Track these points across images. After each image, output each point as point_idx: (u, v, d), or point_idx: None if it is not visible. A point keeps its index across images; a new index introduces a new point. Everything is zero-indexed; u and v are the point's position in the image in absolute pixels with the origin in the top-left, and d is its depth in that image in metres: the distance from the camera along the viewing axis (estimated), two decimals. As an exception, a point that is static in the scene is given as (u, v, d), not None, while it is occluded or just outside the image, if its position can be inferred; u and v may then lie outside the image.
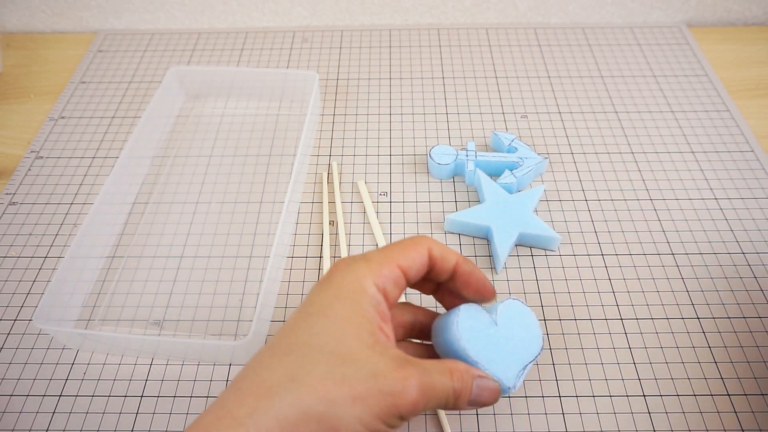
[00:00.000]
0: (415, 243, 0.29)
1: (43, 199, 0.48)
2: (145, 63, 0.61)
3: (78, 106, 0.56)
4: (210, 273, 0.43)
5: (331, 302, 0.27)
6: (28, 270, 0.43)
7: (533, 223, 0.43)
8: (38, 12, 0.65)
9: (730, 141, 0.52)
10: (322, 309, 0.27)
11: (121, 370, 0.38)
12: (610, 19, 0.66)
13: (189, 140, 0.53)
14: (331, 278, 0.28)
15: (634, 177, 0.49)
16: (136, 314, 0.41)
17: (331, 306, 0.27)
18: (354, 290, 0.27)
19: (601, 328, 0.39)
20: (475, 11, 0.65)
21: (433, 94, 0.57)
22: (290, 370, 0.25)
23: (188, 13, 0.65)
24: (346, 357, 0.25)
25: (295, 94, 0.55)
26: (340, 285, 0.27)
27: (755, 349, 0.38)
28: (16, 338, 0.39)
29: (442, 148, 0.48)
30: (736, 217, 0.46)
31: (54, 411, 0.36)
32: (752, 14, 0.66)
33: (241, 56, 0.62)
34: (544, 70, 0.60)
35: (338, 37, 0.64)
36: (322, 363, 0.25)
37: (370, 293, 0.27)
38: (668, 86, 0.57)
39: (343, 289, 0.27)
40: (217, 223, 0.46)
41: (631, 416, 0.35)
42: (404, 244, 0.29)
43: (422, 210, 0.47)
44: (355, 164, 0.50)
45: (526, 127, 0.53)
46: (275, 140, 0.52)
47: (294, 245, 0.44)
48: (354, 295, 0.27)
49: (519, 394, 0.36)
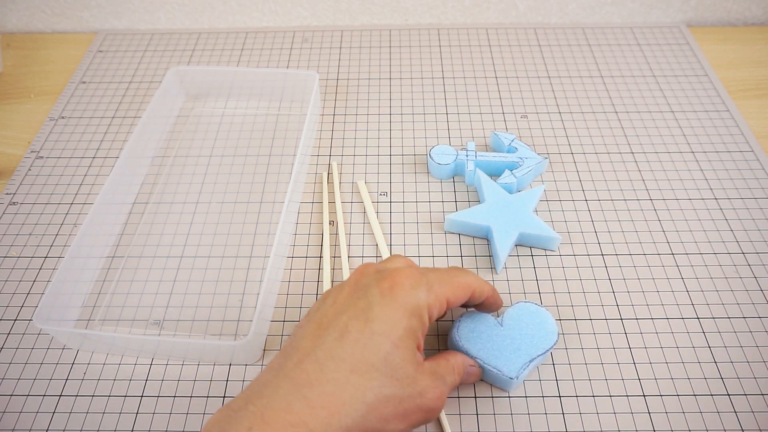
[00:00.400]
0: (464, 281, 0.32)
1: (43, 199, 0.48)
2: (145, 63, 0.61)
3: (78, 106, 0.56)
4: (210, 273, 0.43)
5: (396, 327, 0.29)
6: (28, 270, 0.43)
7: (533, 223, 0.43)
8: (38, 12, 0.65)
9: (730, 141, 0.52)
10: (386, 331, 0.29)
11: (121, 370, 0.38)
12: (610, 19, 0.66)
13: (189, 140, 0.53)
14: (394, 295, 0.30)
15: (634, 177, 0.49)
16: (136, 314, 0.41)
17: (396, 332, 0.29)
18: (413, 315, 0.30)
19: (601, 328, 0.39)
20: (475, 11, 0.65)
21: (433, 94, 0.57)
22: (363, 393, 0.27)
23: (188, 13, 0.65)
24: (403, 381, 0.28)
25: (295, 94, 0.55)
26: (404, 309, 0.29)
27: (755, 349, 0.38)
28: (16, 338, 0.39)
29: (442, 148, 0.48)
30: (736, 217, 0.46)
31: (54, 411, 0.36)
32: (752, 14, 0.66)
33: (241, 56, 0.62)
34: (544, 70, 0.60)
35: (338, 37, 0.64)
36: (387, 387, 0.28)
37: (423, 320, 0.30)
38: (668, 86, 0.57)
39: (407, 314, 0.29)
40: (217, 223, 0.46)
41: (631, 416, 0.35)
42: (457, 280, 0.32)
43: (422, 210, 0.47)
44: (355, 164, 0.50)
45: (526, 127, 0.53)
46: (275, 140, 0.52)
47: (294, 245, 0.44)
48: (413, 320, 0.30)
49: (519, 394, 0.36)
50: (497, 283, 0.42)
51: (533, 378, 0.37)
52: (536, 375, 0.37)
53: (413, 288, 0.30)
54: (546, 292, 0.41)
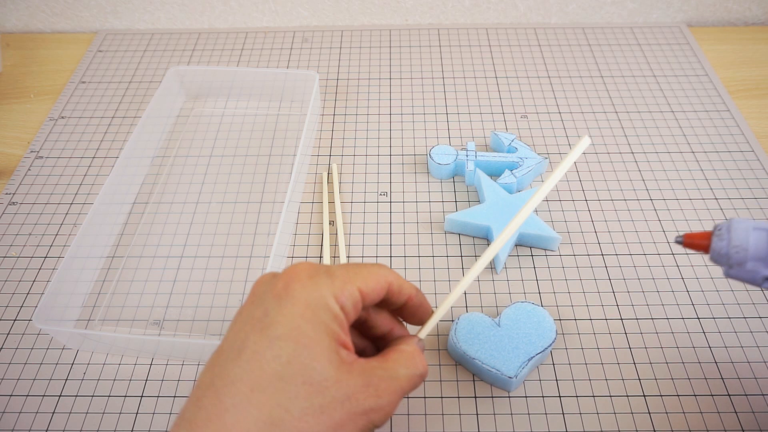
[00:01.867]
0: (376, 271, 0.28)
1: (43, 199, 0.48)
2: (145, 63, 0.61)
3: (78, 106, 0.56)
4: (210, 273, 0.43)
5: (298, 323, 0.24)
6: (28, 270, 0.43)
7: (533, 223, 0.43)
8: (38, 12, 0.65)
9: (730, 141, 0.52)
10: (289, 332, 0.24)
11: (121, 370, 0.38)
12: (610, 19, 0.66)
13: (189, 140, 0.53)
14: (290, 292, 0.25)
15: (634, 177, 0.49)
16: (136, 314, 0.41)
17: (299, 328, 0.24)
18: (319, 307, 0.25)
19: (601, 328, 0.39)
20: (475, 11, 0.65)
21: (433, 94, 0.57)
22: (268, 412, 0.23)
23: (188, 13, 0.65)
24: (320, 385, 0.24)
25: (295, 94, 0.55)
26: (305, 303, 0.25)
27: (755, 349, 0.38)
28: (15, 338, 0.39)
29: (442, 148, 0.48)
30: (736, 217, 0.46)
31: (54, 411, 0.36)
32: (752, 14, 0.66)
33: (241, 56, 0.62)
34: (544, 70, 0.60)
35: (338, 37, 0.64)
36: (300, 398, 0.23)
37: (333, 311, 0.25)
38: (668, 86, 0.57)
39: (309, 307, 0.25)
40: (217, 223, 0.46)
41: (631, 416, 0.35)
42: (367, 269, 0.28)
43: (422, 210, 0.47)
44: (355, 164, 0.50)
45: (526, 127, 0.53)
46: (275, 140, 0.52)
47: (294, 245, 0.44)
48: (319, 312, 0.25)
49: (519, 394, 0.36)
50: (497, 283, 0.42)
51: (533, 378, 0.37)
52: (536, 375, 0.37)
53: (311, 278, 0.26)
54: (546, 292, 0.41)
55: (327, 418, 0.23)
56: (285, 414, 0.23)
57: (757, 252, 0.24)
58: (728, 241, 0.24)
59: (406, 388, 0.27)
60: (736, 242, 0.24)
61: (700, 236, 0.26)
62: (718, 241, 0.25)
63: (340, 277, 0.26)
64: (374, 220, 0.46)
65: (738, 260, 0.24)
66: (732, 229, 0.24)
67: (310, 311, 0.25)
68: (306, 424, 0.23)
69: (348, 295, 0.26)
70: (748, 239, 0.24)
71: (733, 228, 0.24)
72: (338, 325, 0.25)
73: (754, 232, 0.24)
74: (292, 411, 0.23)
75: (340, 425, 0.23)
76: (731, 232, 0.24)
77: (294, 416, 0.23)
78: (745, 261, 0.24)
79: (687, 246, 0.26)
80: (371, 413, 0.24)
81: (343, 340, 0.25)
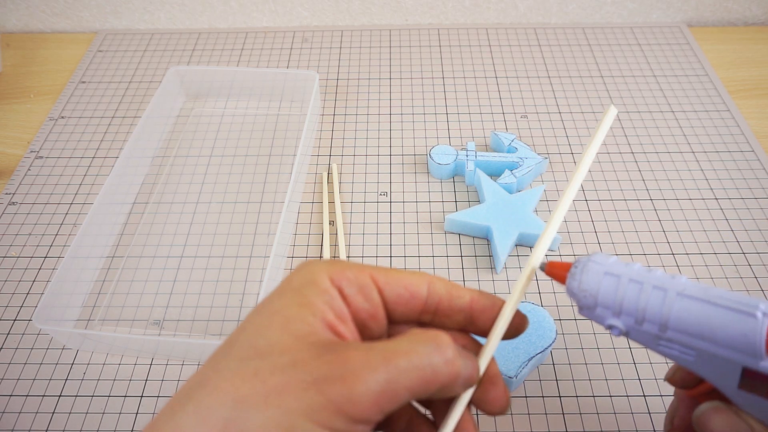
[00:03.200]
0: (409, 272, 0.23)
1: (43, 199, 0.48)
2: (145, 63, 0.61)
3: (78, 106, 0.56)
4: (210, 273, 0.43)
5: (271, 297, 0.22)
6: (28, 270, 0.43)
7: (533, 223, 0.43)
8: (38, 12, 0.65)
9: (730, 141, 0.52)
10: (260, 305, 0.22)
11: (121, 370, 0.38)
12: (610, 19, 0.66)
13: (189, 140, 0.53)
14: (287, 276, 0.23)
15: (634, 177, 0.49)
16: (136, 314, 0.41)
17: (270, 300, 0.22)
18: (302, 283, 0.22)
19: (601, 328, 0.39)
20: (475, 11, 0.65)
21: (433, 94, 0.57)
22: (201, 375, 0.20)
23: (188, 13, 0.65)
24: (263, 348, 0.20)
25: (295, 94, 0.55)
26: (289, 280, 0.22)
27: (755, 349, 0.38)
28: (15, 338, 0.39)
29: (442, 148, 0.48)
30: (736, 217, 0.46)
31: (54, 411, 0.36)
32: (752, 14, 0.66)
33: (241, 56, 0.62)
34: (544, 70, 0.60)
35: (338, 37, 0.64)
36: (235, 359, 0.19)
37: (322, 287, 0.21)
38: (668, 86, 0.57)
39: (291, 283, 0.22)
40: (217, 223, 0.46)
41: (632, 416, 0.35)
42: (399, 270, 0.24)
43: (422, 210, 0.47)
44: (355, 164, 0.50)
45: (526, 127, 0.53)
46: (275, 140, 0.52)
47: (294, 245, 0.44)
48: (300, 287, 0.22)
49: (519, 394, 0.36)
50: (497, 283, 0.42)
51: (533, 378, 0.37)
52: (536, 375, 0.37)
53: (308, 263, 0.23)
54: (546, 292, 0.41)
55: (260, 383, 0.19)
56: (215, 375, 0.19)
57: (605, 300, 0.23)
58: (579, 283, 0.23)
59: (404, 371, 0.19)
60: (585, 286, 0.23)
61: (560, 267, 0.25)
62: (570, 280, 0.24)
63: (350, 265, 0.23)
64: (374, 220, 0.46)
65: (586, 304, 0.23)
66: (585, 270, 0.23)
67: (289, 286, 0.22)
68: (230, 385, 0.19)
69: (350, 279, 0.22)
70: (598, 284, 0.23)
71: (586, 269, 0.23)
72: (325, 303, 0.21)
73: (605, 277, 0.23)
74: (222, 373, 0.19)
75: (277, 393, 0.18)
76: (583, 274, 0.23)
77: (221, 377, 0.19)
78: (593, 306, 0.23)
79: (549, 275, 0.25)
80: (324, 384, 0.18)
81: (329, 320, 0.21)
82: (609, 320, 0.23)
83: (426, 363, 0.20)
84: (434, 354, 0.20)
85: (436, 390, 0.20)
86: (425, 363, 0.20)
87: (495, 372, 0.24)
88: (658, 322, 0.22)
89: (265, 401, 0.18)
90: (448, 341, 0.21)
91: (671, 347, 0.22)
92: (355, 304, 0.22)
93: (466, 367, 0.21)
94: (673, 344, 0.22)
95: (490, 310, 0.24)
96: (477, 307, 0.24)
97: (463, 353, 0.22)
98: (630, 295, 0.23)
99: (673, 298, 0.22)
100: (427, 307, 0.23)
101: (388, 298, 0.23)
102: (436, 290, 0.23)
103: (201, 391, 0.19)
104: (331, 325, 0.21)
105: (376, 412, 0.19)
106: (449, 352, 0.21)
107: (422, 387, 0.20)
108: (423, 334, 0.21)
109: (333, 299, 0.22)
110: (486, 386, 0.23)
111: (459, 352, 0.21)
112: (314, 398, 0.18)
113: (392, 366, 0.19)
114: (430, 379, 0.20)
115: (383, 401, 0.19)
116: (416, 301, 0.23)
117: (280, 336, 0.20)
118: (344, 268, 0.22)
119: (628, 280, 0.23)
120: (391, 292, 0.23)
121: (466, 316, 0.24)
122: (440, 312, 0.24)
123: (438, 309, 0.23)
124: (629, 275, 0.23)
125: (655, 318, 0.22)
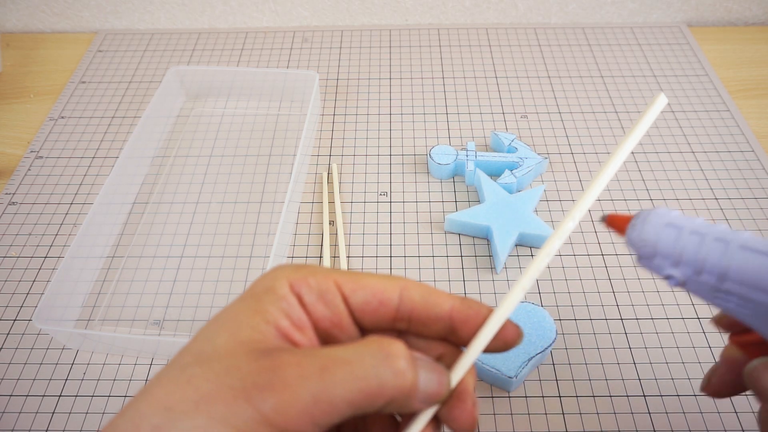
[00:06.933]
0: (385, 276, 0.22)
1: (43, 199, 0.48)
2: (145, 63, 0.61)
3: (78, 106, 0.56)
4: (210, 273, 0.43)
5: (232, 303, 0.21)
6: (28, 270, 0.43)
7: (533, 223, 0.43)
8: (38, 12, 0.65)
9: (730, 141, 0.52)
10: (221, 310, 0.21)
11: (121, 370, 0.38)
12: (610, 19, 0.66)
13: (189, 140, 0.53)
14: (253, 281, 0.22)
15: (634, 177, 0.49)
16: (136, 314, 0.41)
17: (230, 305, 0.21)
18: (262, 289, 0.21)
19: (601, 328, 0.39)
20: (475, 11, 0.65)
21: (433, 94, 0.57)
22: (149, 381, 0.19)
23: (188, 13, 0.65)
24: (207, 355, 0.19)
25: (295, 94, 0.55)
26: (253, 285, 0.21)
27: (755, 349, 0.38)
28: (15, 338, 0.39)
29: (442, 148, 0.48)
30: (736, 217, 0.46)
31: (54, 411, 0.36)
32: (752, 14, 0.66)
33: (241, 56, 0.62)
34: (544, 70, 0.60)
35: (338, 37, 0.64)
36: (177, 366, 0.19)
37: (279, 293, 0.20)
38: (668, 86, 0.57)
39: (254, 289, 0.21)
40: (217, 223, 0.46)
41: (631, 416, 0.35)
42: (368, 274, 0.22)
43: (422, 210, 0.47)
44: (355, 164, 0.50)
45: (526, 127, 0.53)
46: (275, 140, 0.52)
47: (294, 245, 0.44)
48: (259, 293, 0.21)
49: (519, 394, 0.36)
50: (497, 283, 0.42)
51: (533, 378, 0.37)
52: (536, 375, 0.37)
53: (276, 269, 0.22)
54: (546, 292, 0.41)
55: (192, 390, 0.18)
56: (155, 380, 0.19)
57: (665, 249, 0.23)
58: (639, 233, 0.23)
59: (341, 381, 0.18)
60: (645, 236, 0.23)
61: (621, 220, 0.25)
62: (630, 230, 0.24)
63: (315, 270, 0.21)
64: (374, 220, 0.46)
65: (645, 254, 0.23)
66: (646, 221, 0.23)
67: (248, 293, 0.21)
68: (163, 393, 0.18)
69: (311, 286, 0.21)
70: (658, 235, 0.23)
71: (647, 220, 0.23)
72: (280, 311, 0.20)
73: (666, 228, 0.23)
74: (160, 378, 0.18)
75: (208, 400, 0.17)
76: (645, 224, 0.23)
77: (159, 383, 0.18)
78: (652, 256, 0.23)
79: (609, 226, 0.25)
80: (253, 392, 0.17)
81: (283, 328, 0.20)
82: (667, 270, 0.23)
83: (371, 374, 0.18)
84: (381, 364, 0.18)
85: (384, 404, 0.19)
86: (369, 374, 0.18)
87: (465, 387, 0.21)
88: (717, 272, 0.22)
89: (195, 408, 0.17)
90: (400, 351, 0.19)
91: (728, 299, 0.22)
92: (316, 312, 0.21)
93: (427, 382, 0.20)
94: (730, 296, 0.22)
95: (474, 319, 0.22)
96: (458, 317, 0.22)
97: (429, 365, 0.20)
98: (690, 246, 0.22)
99: (734, 249, 0.22)
100: (399, 314, 0.22)
101: (354, 306, 0.21)
102: (411, 297, 0.21)
103: (140, 397, 0.18)
104: (284, 332, 0.20)
105: (307, 425, 0.17)
106: (400, 363, 0.19)
107: (366, 401, 0.18)
108: (372, 342, 0.19)
109: (290, 306, 0.20)
110: (452, 401, 0.21)
111: (417, 363, 0.19)
112: (242, 407, 0.17)
113: (327, 375, 0.18)
114: (375, 393, 0.18)
115: (317, 413, 0.17)
116: (386, 309, 0.21)
117: (226, 342, 0.19)
118: (307, 274, 0.21)
119: (689, 232, 0.23)
120: (358, 299, 0.21)
121: (446, 325, 0.22)
122: (415, 320, 0.22)
123: (412, 317, 0.22)
124: (691, 227, 0.23)
125: (715, 269, 0.22)
